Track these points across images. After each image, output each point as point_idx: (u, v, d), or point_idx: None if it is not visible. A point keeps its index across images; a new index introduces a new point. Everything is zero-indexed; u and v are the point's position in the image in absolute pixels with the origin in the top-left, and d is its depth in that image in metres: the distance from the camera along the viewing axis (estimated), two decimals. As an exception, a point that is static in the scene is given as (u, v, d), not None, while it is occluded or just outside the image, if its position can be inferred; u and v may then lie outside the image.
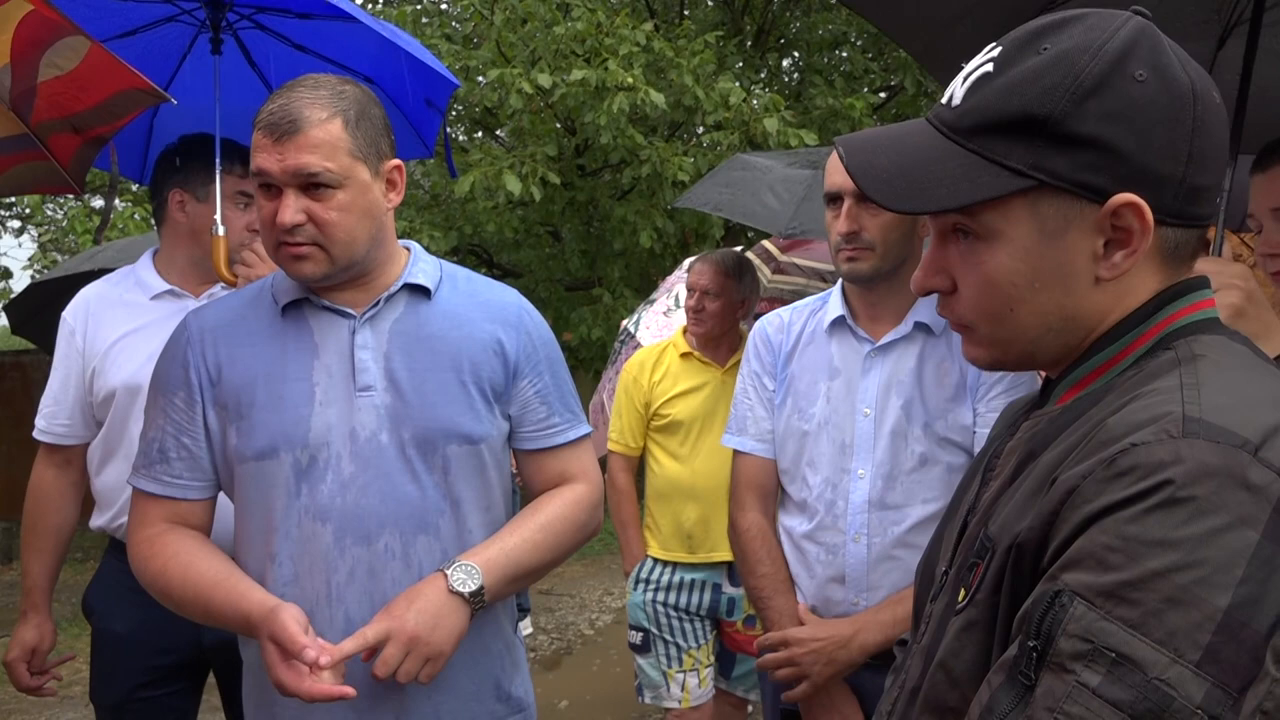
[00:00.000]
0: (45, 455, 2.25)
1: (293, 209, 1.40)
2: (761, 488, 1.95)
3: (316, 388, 1.48)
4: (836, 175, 1.78)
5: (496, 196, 7.09)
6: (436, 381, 1.51)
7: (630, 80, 6.75)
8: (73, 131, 1.94)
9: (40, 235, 11.85)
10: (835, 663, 1.76)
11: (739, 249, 4.27)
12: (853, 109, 8.18)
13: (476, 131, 9.47)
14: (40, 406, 2.24)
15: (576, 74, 6.79)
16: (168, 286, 2.20)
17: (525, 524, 1.57)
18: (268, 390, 1.48)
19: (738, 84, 7.53)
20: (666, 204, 7.37)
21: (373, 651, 1.38)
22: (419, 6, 9.09)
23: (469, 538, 1.53)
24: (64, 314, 2.22)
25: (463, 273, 1.65)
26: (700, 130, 8.46)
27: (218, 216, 2.11)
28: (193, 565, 1.47)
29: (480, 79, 7.62)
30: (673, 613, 3.07)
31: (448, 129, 2.81)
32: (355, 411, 1.47)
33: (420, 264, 1.58)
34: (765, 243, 4.32)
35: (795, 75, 10.47)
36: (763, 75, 10.18)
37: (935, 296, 0.92)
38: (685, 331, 3.16)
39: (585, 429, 1.70)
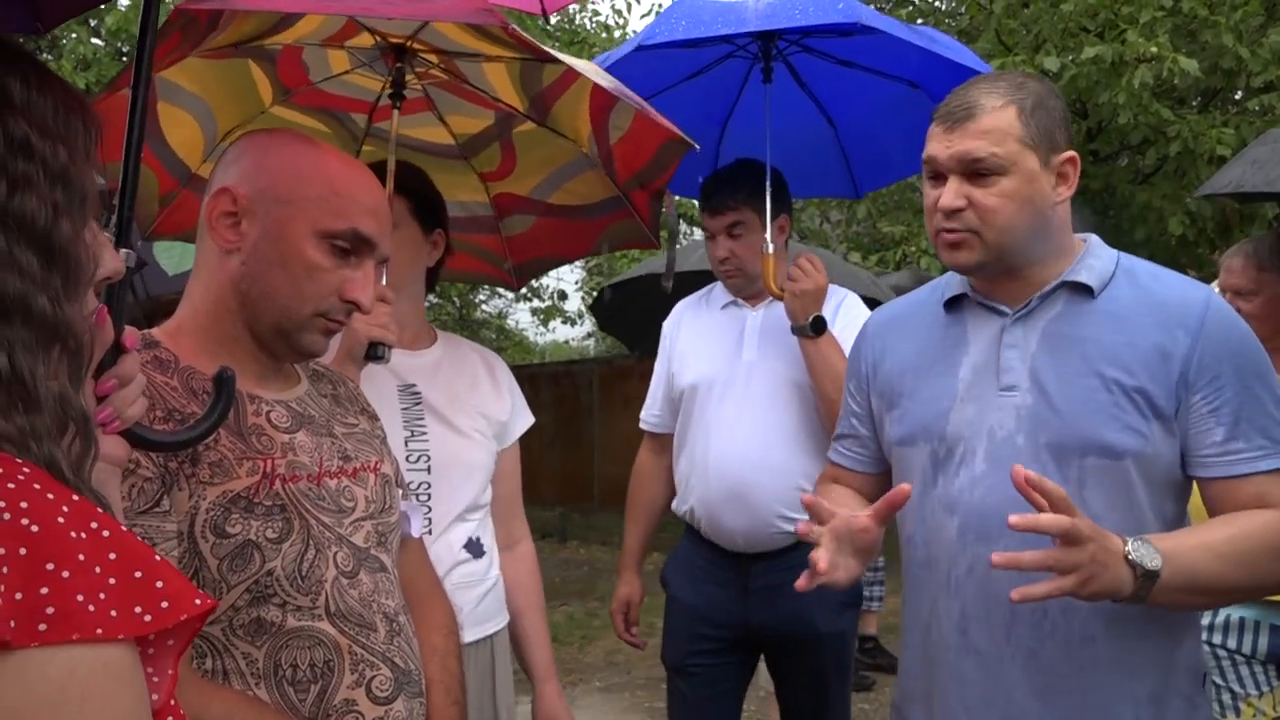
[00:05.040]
0: (645, 441, 2.67)
1: (954, 193, 1.41)
2: None
3: (960, 383, 1.49)
4: None
5: (1000, 192, 6.77)
6: (1083, 387, 1.41)
7: (1154, 50, 6.07)
8: (641, 187, 2.08)
9: (586, 261, 13.75)
10: None
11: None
12: None
13: (974, 127, 9.12)
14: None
15: (1089, 51, 6.25)
16: (731, 299, 2.47)
17: (1210, 531, 1.38)
18: (915, 381, 1.55)
19: (1293, 35, 6.44)
20: (1201, 182, 6.52)
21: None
22: (912, 7, 9.00)
23: None
24: (665, 322, 2.59)
25: (1147, 269, 1.51)
26: (1239, 95, 7.39)
27: (768, 235, 2.27)
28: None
29: (978, 73, 7.35)
30: (1223, 653, 2.65)
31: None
32: (995, 410, 1.45)
33: (1090, 259, 1.48)
34: None
35: (1372, 14, 8.68)
36: (1323, 20, 8.59)
37: None
38: None
39: None
